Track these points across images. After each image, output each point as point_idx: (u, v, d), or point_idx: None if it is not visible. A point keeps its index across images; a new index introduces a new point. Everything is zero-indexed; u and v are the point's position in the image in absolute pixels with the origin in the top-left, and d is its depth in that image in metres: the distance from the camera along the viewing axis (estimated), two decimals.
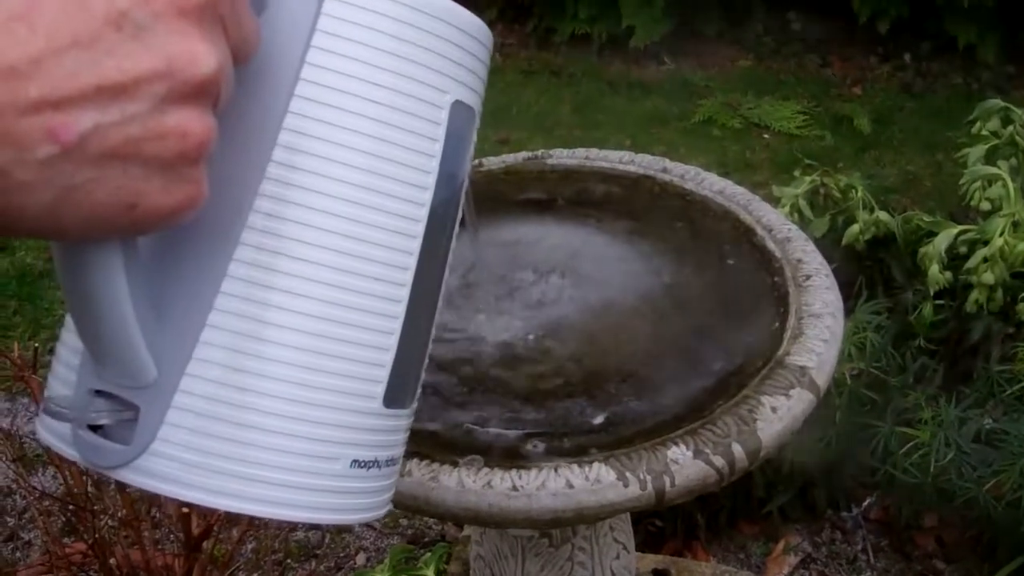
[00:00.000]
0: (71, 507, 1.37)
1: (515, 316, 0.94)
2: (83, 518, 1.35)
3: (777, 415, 0.79)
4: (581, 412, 0.83)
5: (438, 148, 0.54)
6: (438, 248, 0.57)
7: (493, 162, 1.18)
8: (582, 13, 3.90)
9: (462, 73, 0.55)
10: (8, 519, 2.02)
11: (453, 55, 0.54)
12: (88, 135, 0.38)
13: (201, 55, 0.40)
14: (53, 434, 0.54)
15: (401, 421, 0.58)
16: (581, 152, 1.17)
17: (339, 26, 0.50)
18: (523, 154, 1.19)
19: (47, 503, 1.56)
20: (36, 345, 1.49)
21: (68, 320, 0.54)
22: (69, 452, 0.52)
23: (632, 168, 1.13)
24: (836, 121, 3.42)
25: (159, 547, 1.56)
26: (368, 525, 1.94)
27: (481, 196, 1.10)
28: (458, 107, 0.55)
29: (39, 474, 2.05)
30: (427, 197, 0.54)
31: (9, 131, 0.36)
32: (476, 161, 1.16)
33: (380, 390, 0.55)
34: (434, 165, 0.54)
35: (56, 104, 0.37)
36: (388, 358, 0.55)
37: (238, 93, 0.45)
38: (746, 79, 3.74)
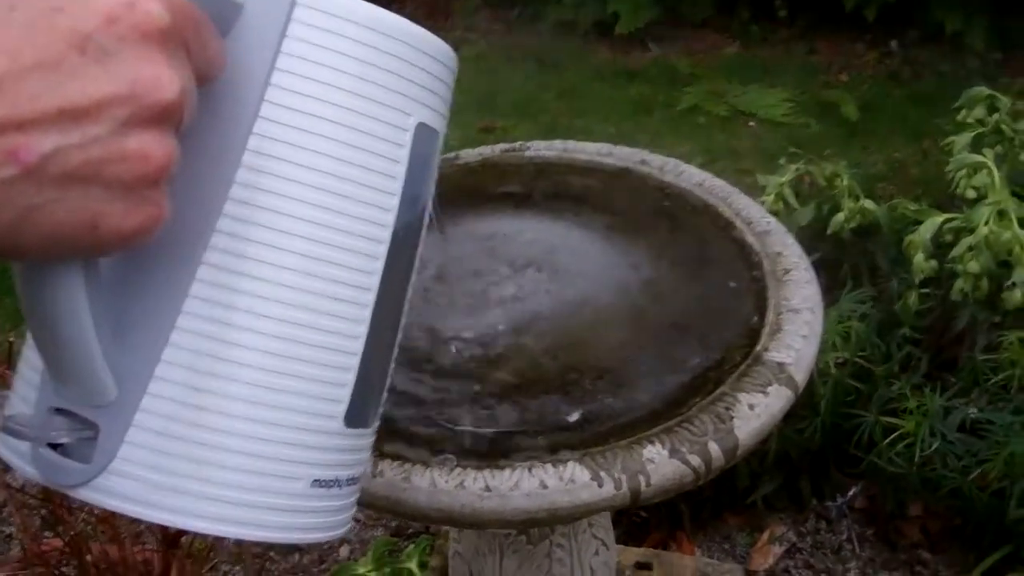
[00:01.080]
0: (48, 503, 1.36)
1: (490, 311, 0.92)
2: (60, 514, 1.34)
3: (754, 412, 0.78)
4: (556, 409, 0.82)
5: (401, 170, 0.55)
6: (401, 269, 0.57)
7: (470, 155, 1.16)
8: None
9: (426, 96, 0.56)
10: None
11: (417, 78, 0.55)
12: (49, 156, 0.38)
13: (164, 80, 0.40)
14: (12, 452, 0.53)
15: (363, 440, 0.59)
16: (559, 144, 1.16)
17: (304, 48, 0.50)
18: (500, 146, 1.17)
19: (26, 497, 1.55)
20: (11, 339, 1.48)
21: (30, 338, 0.53)
22: (28, 470, 0.52)
23: (610, 160, 1.12)
24: (822, 109, 3.40)
25: (140, 541, 1.55)
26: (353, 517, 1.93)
27: (458, 189, 1.09)
28: (422, 129, 0.56)
29: None
30: (390, 219, 0.54)
31: None
32: (453, 154, 1.15)
33: (341, 409, 0.55)
34: (397, 187, 0.55)
35: (18, 125, 0.37)
36: (350, 378, 0.55)
37: (203, 112, 0.45)
38: (732, 66, 3.72)
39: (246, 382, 0.50)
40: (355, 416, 0.56)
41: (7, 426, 0.51)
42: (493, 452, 0.77)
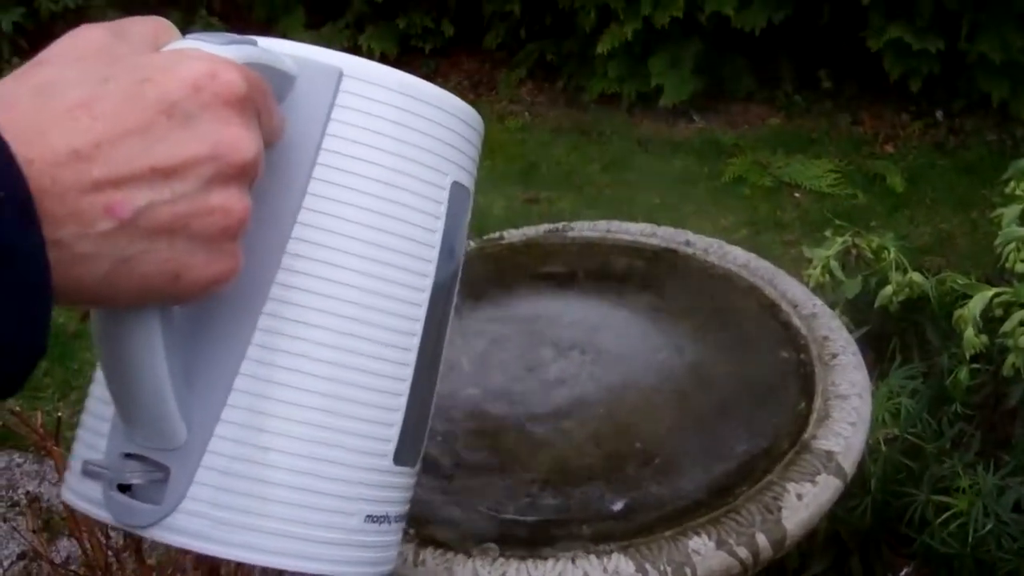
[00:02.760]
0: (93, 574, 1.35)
1: (534, 395, 0.92)
2: None
3: (803, 503, 0.76)
4: (600, 497, 0.81)
5: (440, 224, 0.59)
6: (441, 315, 0.61)
7: (514, 235, 1.16)
8: (611, 72, 3.91)
9: (459, 156, 0.60)
10: None
11: (451, 140, 0.60)
12: (142, 211, 0.42)
13: (243, 141, 0.45)
14: (84, 499, 0.56)
15: (409, 479, 0.62)
16: (603, 225, 1.16)
17: (351, 115, 0.55)
18: (544, 227, 1.17)
19: (68, 573, 1.55)
20: (59, 415, 1.49)
21: (95, 388, 0.57)
22: (100, 514, 0.55)
23: (654, 241, 1.12)
24: (868, 179, 3.39)
25: None
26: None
27: (501, 270, 1.09)
28: (456, 188, 0.60)
29: (65, 538, 2.04)
30: (432, 269, 0.59)
31: (73, 208, 0.40)
32: (497, 234, 1.15)
33: (391, 448, 0.58)
34: (437, 240, 0.59)
35: (115, 183, 0.41)
36: (397, 418, 0.58)
37: (263, 174, 0.49)
38: (776, 137, 3.72)
39: (305, 422, 0.54)
40: (402, 454, 0.59)
41: (86, 468, 0.54)
42: (536, 541, 0.76)
